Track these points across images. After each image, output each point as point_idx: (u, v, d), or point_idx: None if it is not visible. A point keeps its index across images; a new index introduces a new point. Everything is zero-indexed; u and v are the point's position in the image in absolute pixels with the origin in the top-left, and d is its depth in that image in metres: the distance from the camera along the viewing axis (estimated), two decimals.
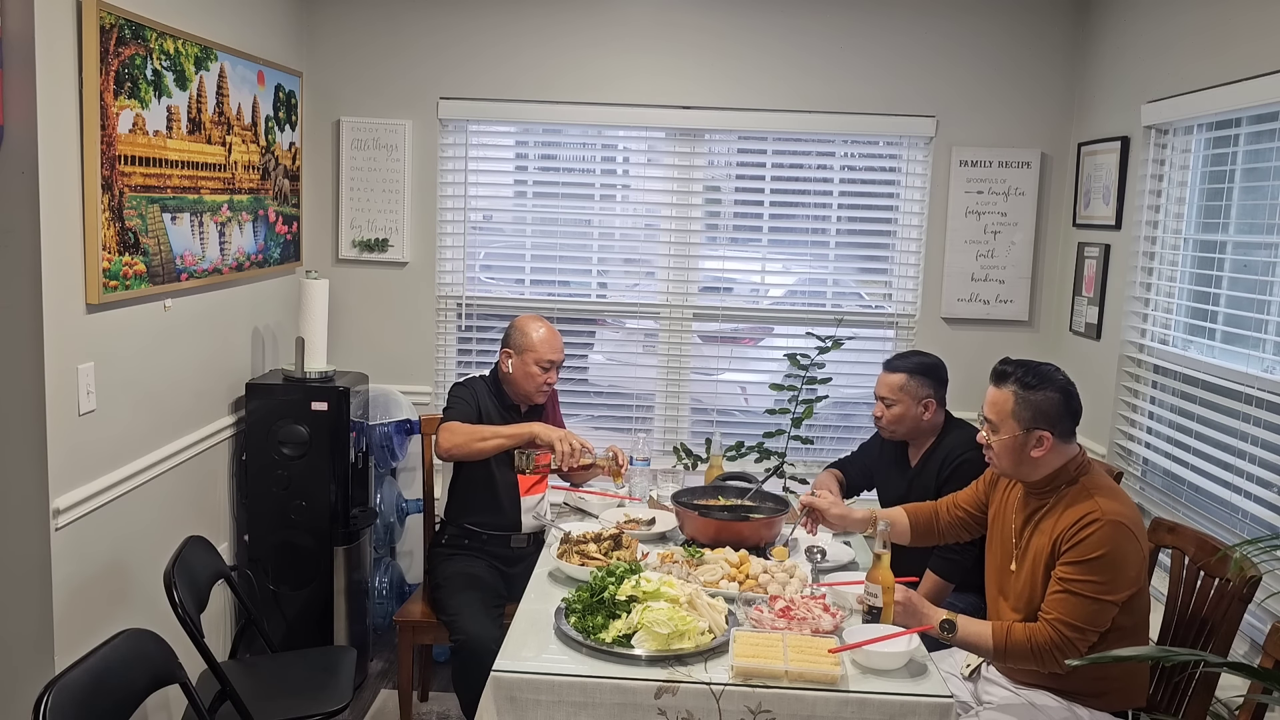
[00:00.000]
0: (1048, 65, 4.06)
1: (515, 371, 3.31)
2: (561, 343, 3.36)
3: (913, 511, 2.84)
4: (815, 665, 2.18)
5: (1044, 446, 2.39)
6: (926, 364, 3.22)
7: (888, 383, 3.20)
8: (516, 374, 3.31)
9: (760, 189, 4.25)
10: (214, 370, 3.44)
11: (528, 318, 3.37)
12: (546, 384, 3.32)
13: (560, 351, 3.33)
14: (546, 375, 3.30)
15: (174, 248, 3.07)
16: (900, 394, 3.17)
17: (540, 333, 3.30)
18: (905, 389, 3.16)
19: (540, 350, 3.28)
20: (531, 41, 4.07)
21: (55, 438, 2.52)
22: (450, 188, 4.21)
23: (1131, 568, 2.30)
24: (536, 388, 3.31)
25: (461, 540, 3.35)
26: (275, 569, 3.58)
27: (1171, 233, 3.46)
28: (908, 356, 3.28)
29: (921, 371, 3.18)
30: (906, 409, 3.17)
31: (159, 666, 2.29)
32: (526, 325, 3.33)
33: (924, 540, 2.84)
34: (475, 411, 3.27)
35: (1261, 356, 2.91)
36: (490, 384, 3.39)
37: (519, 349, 3.30)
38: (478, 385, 3.37)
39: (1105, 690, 2.41)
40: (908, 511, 2.84)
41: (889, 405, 3.19)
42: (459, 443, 3.12)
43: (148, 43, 2.85)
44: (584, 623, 2.35)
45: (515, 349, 3.31)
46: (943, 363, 3.27)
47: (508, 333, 3.36)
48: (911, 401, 3.16)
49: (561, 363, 3.36)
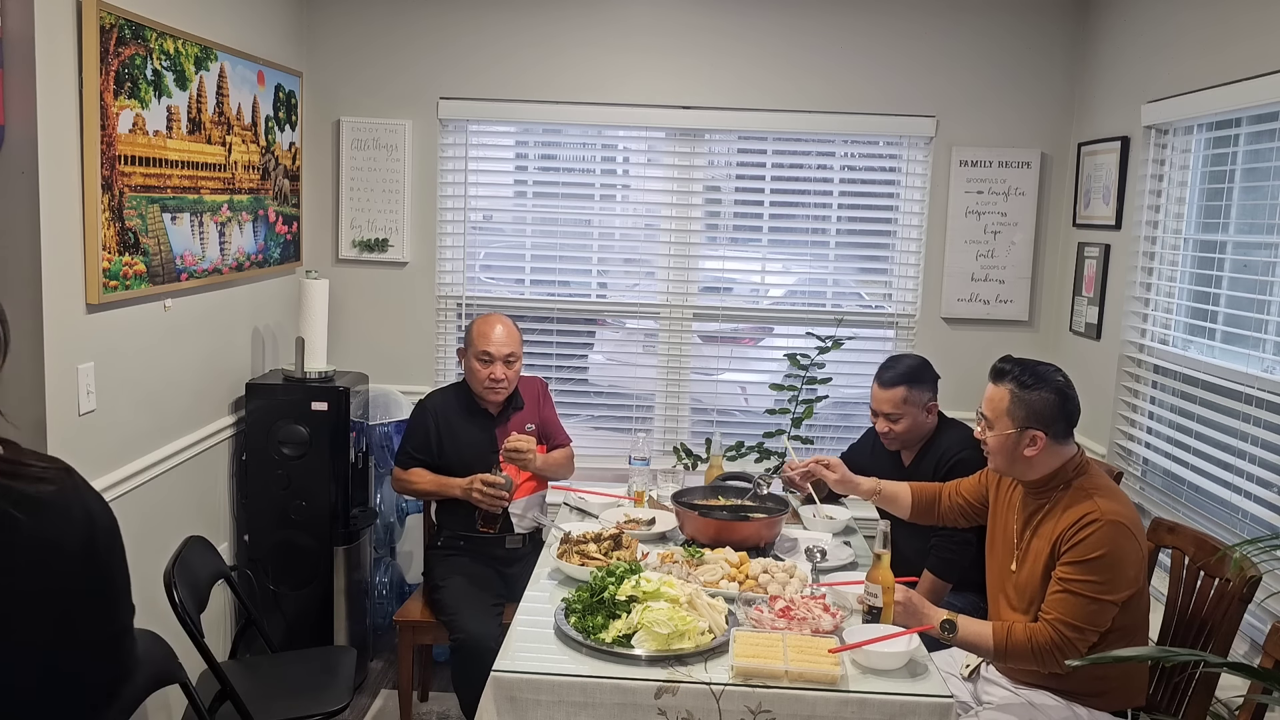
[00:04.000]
0: (1048, 65, 4.06)
1: (466, 369, 3.36)
2: (506, 336, 3.27)
3: (917, 490, 2.89)
4: (815, 665, 2.18)
5: (1037, 446, 2.39)
6: (915, 367, 3.18)
7: (889, 399, 3.13)
8: (466, 371, 3.36)
9: (760, 189, 4.25)
10: (214, 370, 3.44)
11: (482, 315, 3.38)
12: (491, 379, 3.25)
13: (501, 345, 3.25)
14: (489, 369, 3.24)
15: (174, 248, 3.07)
16: (905, 407, 3.13)
17: (482, 327, 3.28)
18: (909, 400, 3.12)
19: (478, 344, 3.27)
20: (531, 41, 4.07)
21: (55, 438, 2.52)
22: (450, 188, 4.21)
23: (1131, 568, 2.30)
24: (481, 384, 3.28)
25: (457, 542, 3.35)
26: (275, 569, 3.58)
27: (1171, 233, 3.45)
28: (894, 366, 3.19)
29: (916, 379, 3.14)
30: (913, 419, 3.15)
31: (159, 666, 2.28)
32: (477, 321, 3.35)
33: (921, 518, 2.88)
34: (426, 433, 3.33)
35: (1261, 356, 2.91)
36: (460, 392, 3.43)
37: (466, 344, 3.35)
38: (442, 397, 3.41)
39: (1105, 690, 2.41)
40: (912, 489, 2.88)
41: (894, 420, 3.14)
42: (400, 489, 3.45)
43: (148, 43, 2.85)
44: (584, 623, 2.35)
45: (466, 345, 3.36)
46: (928, 360, 3.25)
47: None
48: (917, 410, 3.14)
49: (508, 357, 3.26)
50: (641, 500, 3.28)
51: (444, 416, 3.34)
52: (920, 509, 2.86)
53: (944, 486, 2.86)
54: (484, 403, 3.36)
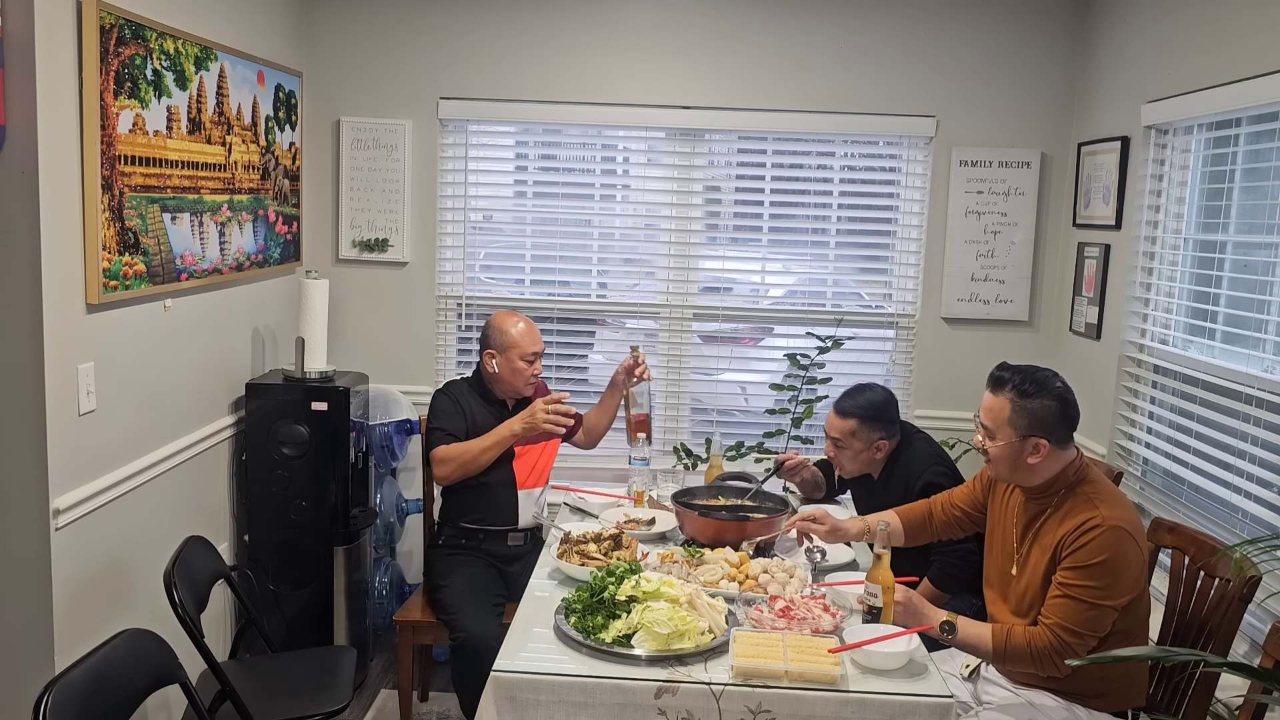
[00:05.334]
0: (1048, 65, 4.06)
1: (502, 370, 3.34)
2: (539, 332, 3.43)
3: (904, 513, 2.84)
4: (815, 665, 2.18)
5: (1040, 454, 2.39)
6: (876, 404, 3.13)
7: (839, 426, 3.13)
8: (503, 372, 3.35)
9: (760, 189, 4.25)
10: (214, 370, 3.44)
11: (502, 315, 3.42)
12: (534, 375, 3.38)
13: (540, 342, 3.40)
14: (533, 367, 3.37)
15: (174, 248, 3.07)
16: (850, 439, 3.12)
17: (520, 328, 3.36)
18: (856, 434, 3.11)
19: (523, 345, 3.34)
20: (531, 41, 4.07)
21: (55, 438, 2.52)
22: (450, 188, 4.21)
23: (1131, 572, 2.30)
24: (525, 381, 3.37)
25: (459, 540, 3.36)
26: (275, 569, 3.58)
27: (1171, 233, 3.45)
28: (856, 395, 3.16)
29: (872, 416, 3.11)
30: (855, 453, 3.14)
31: (159, 666, 2.29)
32: (504, 323, 3.37)
33: (918, 539, 2.83)
34: (461, 418, 3.32)
35: (1261, 356, 2.91)
36: (474, 384, 3.44)
37: (501, 347, 3.34)
38: (458, 388, 3.42)
39: (1105, 690, 2.41)
40: (900, 515, 2.84)
41: (839, 447, 3.15)
42: (452, 469, 3.23)
43: (148, 43, 2.85)
44: (584, 623, 2.35)
45: (498, 348, 3.35)
46: (893, 397, 3.21)
47: (485, 333, 3.40)
48: (862, 445, 3.12)
49: (543, 352, 3.43)
50: (641, 500, 3.29)
51: (468, 403, 3.38)
52: (913, 531, 2.81)
53: (933, 501, 2.83)
54: (504, 395, 3.42)
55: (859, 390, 3.20)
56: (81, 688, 2.01)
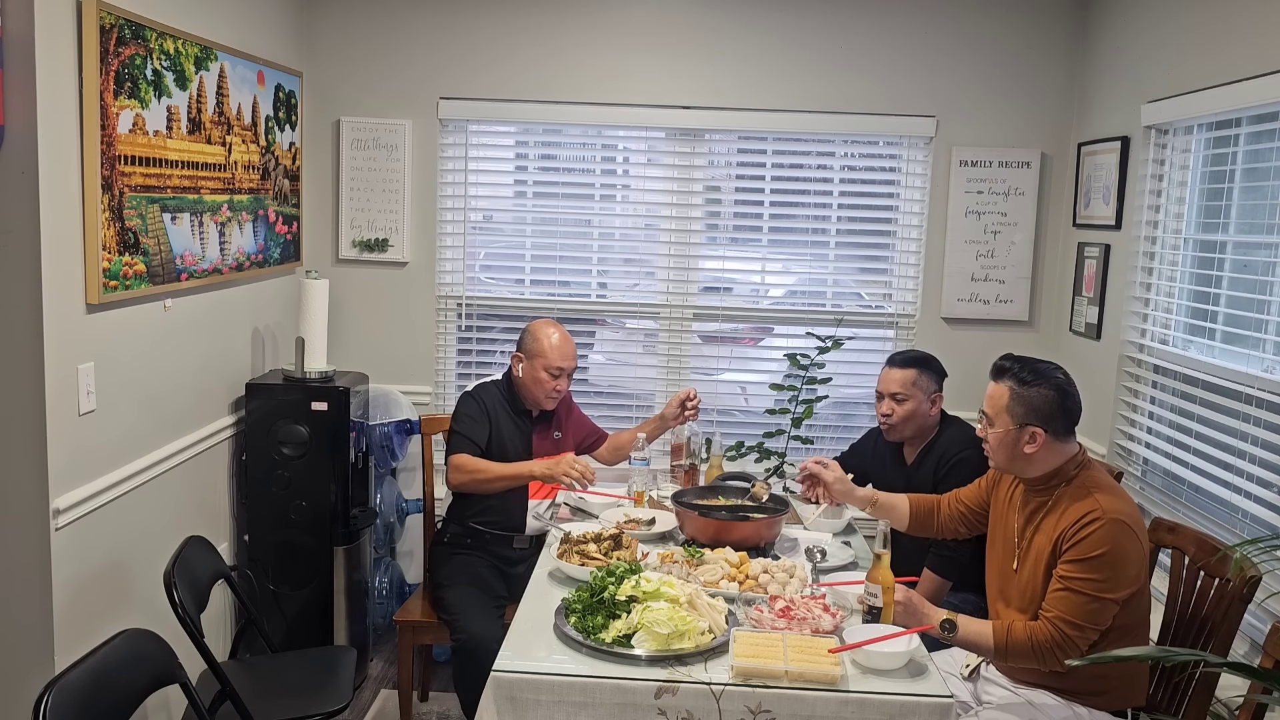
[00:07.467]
0: (1048, 65, 4.06)
1: (525, 376, 3.32)
2: (574, 350, 3.35)
3: (915, 501, 2.86)
4: (815, 665, 2.18)
5: (1037, 443, 2.40)
6: (928, 357, 3.26)
7: (898, 379, 3.19)
8: (526, 379, 3.32)
9: (760, 189, 4.25)
10: (214, 370, 3.44)
11: (543, 322, 3.37)
12: (555, 390, 3.32)
13: (571, 359, 3.33)
14: (556, 382, 3.30)
15: (174, 248, 3.07)
16: (913, 389, 3.17)
17: (553, 339, 3.30)
18: (917, 384, 3.17)
19: (550, 357, 3.29)
20: (531, 41, 4.07)
21: (55, 438, 2.52)
22: (450, 188, 4.21)
23: (1132, 566, 2.30)
24: (545, 394, 3.32)
25: (464, 539, 3.35)
26: (275, 569, 3.58)
27: (1171, 233, 3.45)
28: (907, 352, 3.31)
29: (927, 364, 3.22)
30: (918, 404, 3.18)
31: (159, 666, 2.28)
32: (539, 330, 3.33)
33: (920, 530, 2.85)
34: (485, 425, 3.27)
35: (1261, 356, 2.91)
36: (503, 388, 3.40)
37: (530, 354, 3.31)
38: (488, 392, 3.37)
39: (1105, 689, 2.41)
40: (910, 500, 2.86)
41: (900, 401, 3.18)
42: (465, 480, 3.17)
43: (148, 43, 2.85)
44: (584, 623, 2.35)
45: (527, 353, 3.31)
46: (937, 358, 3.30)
47: (522, 336, 3.36)
48: (923, 396, 3.18)
49: (573, 370, 3.35)
50: (641, 500, 3.28)
51: (494, 410, 3.34)
52: (918, 520, 2.83)
53: (942, 497, 2.85)
54: (528, 404, 3.37)
55: (905, 350, 3.36)
56: (81, 688, 2.01)
